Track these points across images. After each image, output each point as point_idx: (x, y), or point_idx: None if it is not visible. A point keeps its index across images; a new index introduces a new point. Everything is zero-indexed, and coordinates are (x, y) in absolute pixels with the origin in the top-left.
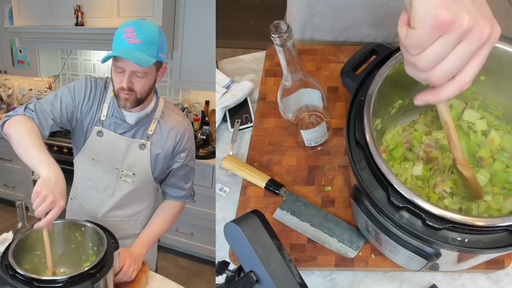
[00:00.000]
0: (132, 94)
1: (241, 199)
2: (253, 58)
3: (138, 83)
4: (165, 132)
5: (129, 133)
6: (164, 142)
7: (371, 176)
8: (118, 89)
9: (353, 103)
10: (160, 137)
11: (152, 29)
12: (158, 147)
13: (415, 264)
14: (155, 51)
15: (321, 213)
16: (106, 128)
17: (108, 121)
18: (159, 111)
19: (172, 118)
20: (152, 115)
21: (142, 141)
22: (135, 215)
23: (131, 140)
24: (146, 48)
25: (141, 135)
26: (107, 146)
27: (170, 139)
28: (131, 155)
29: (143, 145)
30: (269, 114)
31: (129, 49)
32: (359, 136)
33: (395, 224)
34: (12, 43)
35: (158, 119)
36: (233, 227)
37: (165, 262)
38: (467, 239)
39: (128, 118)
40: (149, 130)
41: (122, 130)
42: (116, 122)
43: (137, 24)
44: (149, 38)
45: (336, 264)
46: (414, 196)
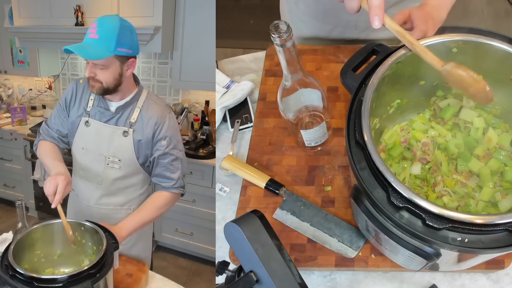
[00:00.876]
0: (97, 83)
1: (241, 199)
2: (253, 58)
3: (101, 74)
4: (145, 120)
5: (112, 120)
6: (144, 129)
7: (371, 176)
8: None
9: (353, 103)
10: (141, 125)
11: (113, 24)
12: (140, 134)
13: (415, 264)
14: (113, 46)
15: (321, 213)
16: (92, 118)
17: (94, 110)
18: (141, 101)
19: (154, 108)
20: (134, 104)
21: (125, 128)
22: (126, 204)
23: (114, 127)
24: (102, 43)
25: (124, 122)
26: (93, 134)
27: (150, 126)
28: (116, 142)
29: (126, 132)
30: (269, 114)
31: (86, 43)
32: (358, 136)
33: (395, 224)
34: (12, 43)
35: (141, 108)
36: (233, 227)
37: (165, 262)
38: (467, 239)
39: (110, 107)
40: (131, 118)
41: (106, 118)
42: (100, 111)
43: (101, 20)
44: (107, 33)
45: (336, 264)
46: (413, 195)
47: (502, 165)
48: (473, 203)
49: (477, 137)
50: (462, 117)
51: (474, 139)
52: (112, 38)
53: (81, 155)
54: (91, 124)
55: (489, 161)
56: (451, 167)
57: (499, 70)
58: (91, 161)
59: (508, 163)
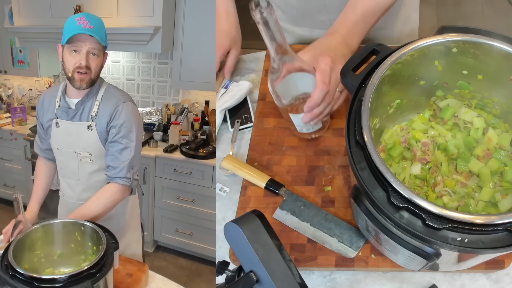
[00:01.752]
0: (88, 73)
1: (241, 199)
2: (253, 58)
3: (93, 62)
4: (104, 110)
5: (76, 117)
6: (101, 120)
7: (371, 176)
8: (74, 69)
9: (353, 103)
10: (101, 116)
11: (99, 19)
12: (100, 125)
13: (415, 264)
14: (104, 37)
15: (321, 213)
16: (60, 118)
17: (60, 111)
18: (100, 94)
19: (109, 99)
20: (94, 98)
21: (88, 122)
22: None
23: (79, 124)
24: (98, 32)
25: (86, 117)
26: (63, 133)
27: (104, 117)
28: (83, 137)
29: (90, 126)
30: (269, 114)
31: (87, 29)
32: (358, 136)
33: (395, 224)
34: (12, 43)
35: (100, 101)
36: (233, 227)
37: (165, 262)
38: (467, 239)
39: (71, 104)
40: (92, 112)
41: (70, 116)
42: (65, 111)
43: (86, 15)
44: (99, 25)
45: (336, 264)
46: (413, 194)
47: (502, 165)
48: (473, 203)
49: (477, 137)
50: (462, 117)
51: (474, 139)
52: (102, 30)
53: (58, 155)
54: (60, 125)
55: (489, 161)
56: (451, 167)
57: (499, 70)
58: (66, 159)
59: (508, 163)
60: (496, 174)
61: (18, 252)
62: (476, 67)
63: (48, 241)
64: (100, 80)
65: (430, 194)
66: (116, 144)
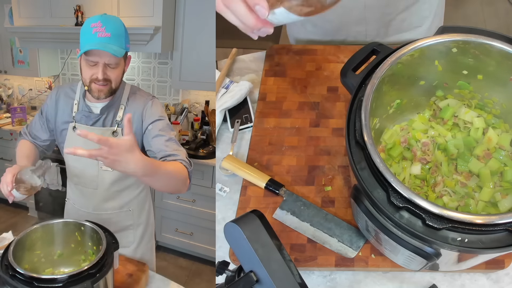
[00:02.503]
0: (107, 84)
1: (241, 199)
2: (253, 58)
3: (112, 74)
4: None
5: (98, 122)
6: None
7: (371, 176)
8: (91, 81)
9: (353, 103)
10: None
11: (118, 22)
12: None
13: (415, 264)
14: (124, 42)
15: (321, 213)
16: (78, 123)
17: (79, 115)
18: (125, 97)
19: (136, 100)
20: (118, 102)
21: (113, 128)
22: (125, 206)
23: (102, 129)
24: (116, 40)
25: (110, 122)
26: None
27: (136, 119)
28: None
29: (115, 132)
30: (269, 114)
31: (102, 42)
32: (358, 136)
33: (395, 224)
34: (12, 43)
35: (125, 105)
36: (233, 227)
37: (165, 262)
38: (467, 239)
39: (94, 109)
40: (117, 117)
41: (92, 121)
42: (85, 115)
43: (104, 19)
44: (118, 31)
45: (336, 264)
46: (413, 194)
47: (502, 165)
48: (473, 203)
49: (477, 137)
50: (462, 117)
51: (474, 139)
52: (122, 35)
53: (73, 162)
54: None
55: (489, 161)
56: (451, 167)
57: (499, 70)
58: (84, 167)
59: (508, 163)
60: (496, 174)
61: (18, 252)
62: (476, 67)
63: (48, 241)
64: (122, 83)
65: (430, 194)
66: (159, 137)
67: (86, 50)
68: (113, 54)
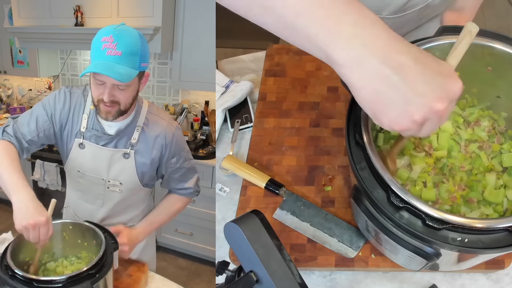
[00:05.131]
0: (115, 106)
1: (241, 199)
2: (253, 58)
3: (121, 95)
4: (150, 140)
5: (111, 144)
6: (150, 150)
7: (371, 176)
8: (98, 101)
9: (352, 103)
10: (145, 146)
11: (134, 37)
12: (144, 156)
13: (415, 264)
14: (137, 62)
15: (321, 213)
16: (87, 140)
17: (88, 133)
18: (142, 118)
19: (158, 125)
20: (135, 122)
21: (126, 150)
22: (130, 222)
23: (113, 150)
24: (127, 60)
25: (124, 144)
26: (90, 158)
27: (157, 147)
28: (116, 165)
29: (126, 154)
30: (269, 114)
31: (109, 61)
32: (358, 136)
33: (395, 224)
34: (11, 43)
35: (142, 126)
36: (233, 227)
37: (164, 262)
38: (467, 239)
39: (108, 129)
40: (132, 138)
41: (103, 142)
42: (97, 135)
43: (117, 33)
44: (131, 48)
45: (336, 264)
46: (412, 197)
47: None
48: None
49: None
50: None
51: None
52: (136, 53)
53: (77, 177)
54: (86, 147)
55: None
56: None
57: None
58: (89, 185)
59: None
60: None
61: (17, 252)
62: (477, 69)
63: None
64: (139, 100)
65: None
66: (180, 169)
67: (89, 72)
68: (118, 80)
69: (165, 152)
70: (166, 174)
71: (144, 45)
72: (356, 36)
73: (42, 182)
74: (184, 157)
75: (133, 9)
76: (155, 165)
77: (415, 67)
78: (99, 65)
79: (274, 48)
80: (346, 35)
